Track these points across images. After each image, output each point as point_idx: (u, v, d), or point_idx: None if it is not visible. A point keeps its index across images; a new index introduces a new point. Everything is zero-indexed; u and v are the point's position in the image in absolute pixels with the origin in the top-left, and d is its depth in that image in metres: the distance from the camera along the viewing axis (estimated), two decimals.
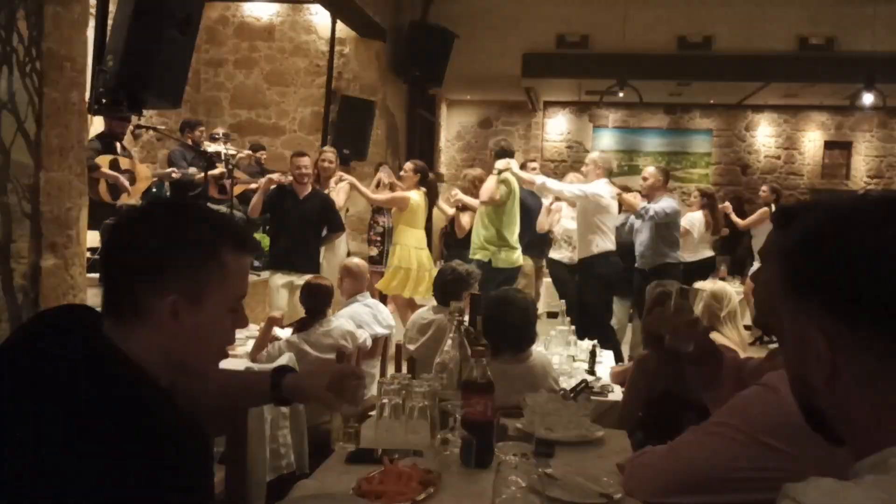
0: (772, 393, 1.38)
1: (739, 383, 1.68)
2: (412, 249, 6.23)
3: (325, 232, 5.86)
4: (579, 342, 3.99)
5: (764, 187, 8.64)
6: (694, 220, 7.04)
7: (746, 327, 4.16)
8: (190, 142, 6.98)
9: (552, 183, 5.95)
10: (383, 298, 6.02)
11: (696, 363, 1.83)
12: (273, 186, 5.80)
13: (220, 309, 1.20)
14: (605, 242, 5.68)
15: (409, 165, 6.45)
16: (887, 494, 0.73)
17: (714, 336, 3.50)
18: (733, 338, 3.69)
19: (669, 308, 1.86)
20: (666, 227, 5.98)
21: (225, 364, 1.38)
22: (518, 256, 5.75)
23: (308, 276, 4.45)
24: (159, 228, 1.19)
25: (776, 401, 1.34)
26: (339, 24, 8.78)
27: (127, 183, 5.83)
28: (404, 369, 3.79)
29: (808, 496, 0.74)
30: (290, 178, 5.78)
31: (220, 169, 6.68)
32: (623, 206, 6.09)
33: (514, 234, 5.74)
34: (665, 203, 5.98)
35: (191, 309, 1.16)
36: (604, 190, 5.71)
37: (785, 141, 12.72)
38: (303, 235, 5.66)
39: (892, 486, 0.74)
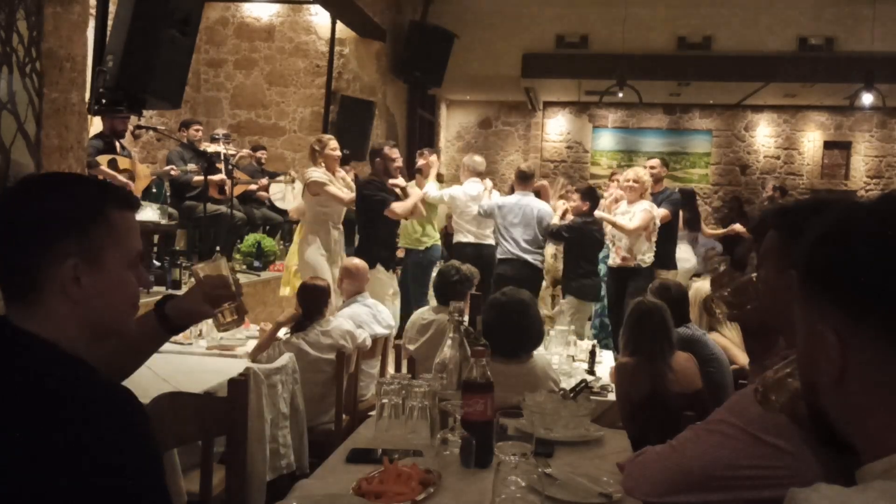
0: None
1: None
2: None
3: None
4: (579, 342, 3.99)
5: (769, 186, 8.68)
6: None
7: None
8: (186, 139, 6.98)
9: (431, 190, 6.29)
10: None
11: (751, 336, 1.84)
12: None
13: (121, 266, 1.22)
14: (462, 236, 6.38)
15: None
16: (887, 501, 0.72)
17: (714, 336, 3.52)
18: (733, 338, 3.70)
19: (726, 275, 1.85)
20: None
21: (225, 364, 1.39)
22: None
23: None
24: (42, 199, 1.19)
25: None
26: (339, 25, 8.78)
27: (125, 181, 5.83)
28: (404, 369, 3.80)
29: (812, 502, 0.73)
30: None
31: (220, 176, 6.67)
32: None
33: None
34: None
35: (92, 272, 1.18)
36: (462, 190, 6.33)
37: (784, 141, 12.73)
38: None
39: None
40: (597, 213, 6.01)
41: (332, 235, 5.56)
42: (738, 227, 8.19)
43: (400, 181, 5.76)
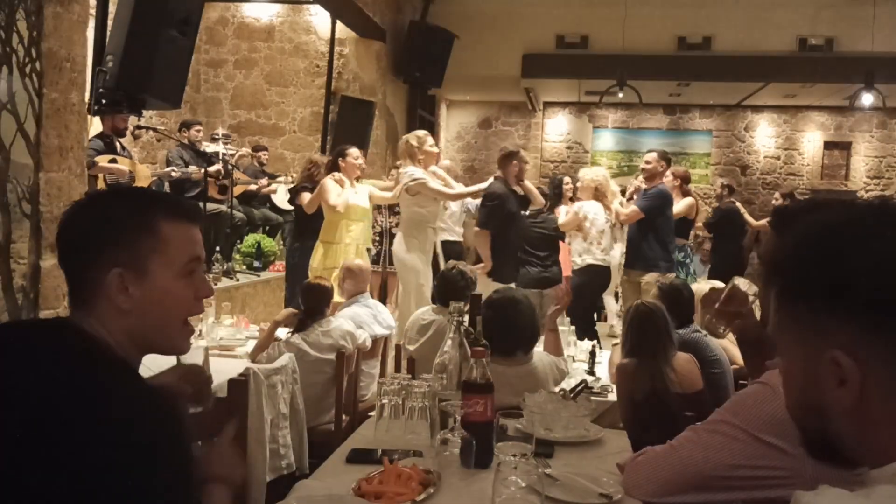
0: (771, 391, 1.38)
1: None
2: None
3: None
4: (579, 342, 3.99)
5: (777, 194, 8.73)
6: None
7: None
8: (187, 140, 6.98)
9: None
10: (383, 299, 6.02)
11: (748, 347, 1.85)
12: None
13: (167, 275, 1.24)
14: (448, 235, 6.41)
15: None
16: None
17: (718, 340, 3.52)
18: (734, 338, 3.70)
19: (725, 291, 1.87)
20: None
21: (224, 364, 1.39)
22: None
23: None
24: (94, 211, 1.27)
25: (775, 399, 1.34)
26: (339, 25, 8.78)
27: (126, 170, 5.83)
28: (404, 370, 3.79)
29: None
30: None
31: (216, 166, 6.66)
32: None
33: None
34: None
35: (137, 280, 1.22)
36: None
37: (784, 141, 12.73)
38: None
39: None
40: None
41: (429, 237, 5.39)
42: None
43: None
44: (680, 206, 6.25)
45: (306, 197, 5.87)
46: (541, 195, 5.90)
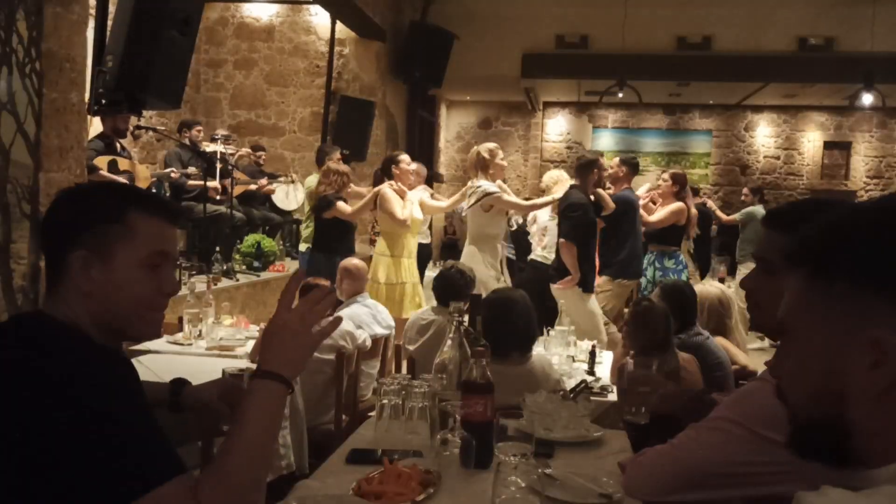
0: (770, 387, 1.38)
1: None
2: None
3: None
4: (578, 342, 3.99)
5: (745, 189, 8.68)
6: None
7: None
8: (187, 141, 6.98)
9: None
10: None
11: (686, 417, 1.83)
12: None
13: (130, 264, 1.28)
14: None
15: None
16: None
17: (719, 340, 3.52)
18: (735, 339, 3.71)
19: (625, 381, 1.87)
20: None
21: (224, 365, 1.39)
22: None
23: None
24: (72, 199, 1.34)
25: (775, 395, 1.34)
26: (339, 25, 8.78)
27: (123, 181, 5.83)
28: (404, 370, 3.79)
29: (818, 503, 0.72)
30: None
31: (214, 183, 6.65)
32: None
33: None
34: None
35: (101, 265, 1.27)
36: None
37: (784, 141, 12.73)
38: None
39: None
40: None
41: (499, 252, 5.24)
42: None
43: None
44: (662, 212, 6.07)
45: (345, 207, 5.61)
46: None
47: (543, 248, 6.14)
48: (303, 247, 6.46)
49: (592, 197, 5.37)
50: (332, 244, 5.69)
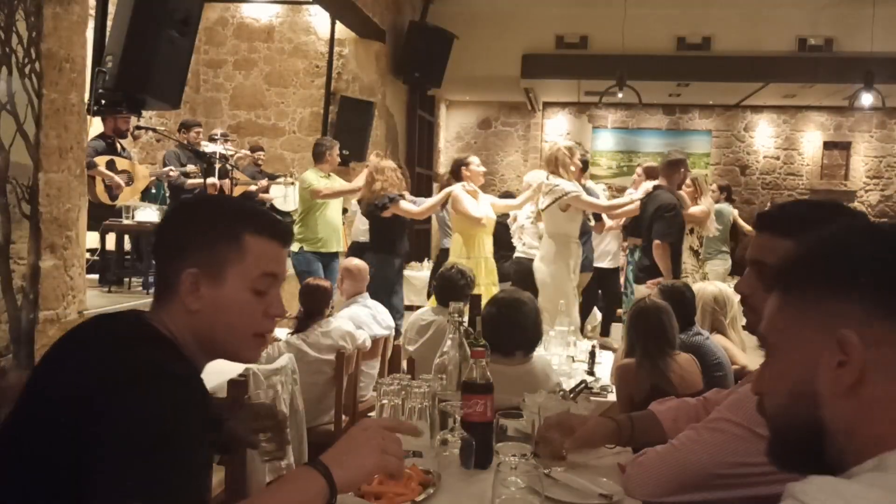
0: None
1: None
2: None
3: None
4: (578, 343, 3.98)
5: (714, 185, 8.67)
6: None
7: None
8: (186, 142, 6.98)
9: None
10: None
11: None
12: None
13: (240, 286, 1.28)
14: None
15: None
16: (886, 491, 0.73)
17: (717, 338, 3.52)
18: (735, 339, 3.71)
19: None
20: None
21: (224, 365, 1.39)
22: None
23: None
24: (188, 213, 1.35)
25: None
26: (339, 25, 8.78)
27: (122, 182, 5.83)
28: (404, 370, 3.79)
29: (808, 494, 0.74)
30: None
31: (212, 180, 6.65)
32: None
33: None
34: None
35: (210, 284, 1.27)
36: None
37: (784, 141, 12.73)
38: None
39: (892, 482, 0.75)
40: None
41: (573, 252, 5.22)
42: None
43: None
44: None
45: (409, 205, 5.54)
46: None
47: (524, 246, 6.13)
48: (295, 246, 6.25)
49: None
50: (391, 245, 5.58)
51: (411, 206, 5.57)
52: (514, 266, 6.18)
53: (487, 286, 5.24)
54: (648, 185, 5.54)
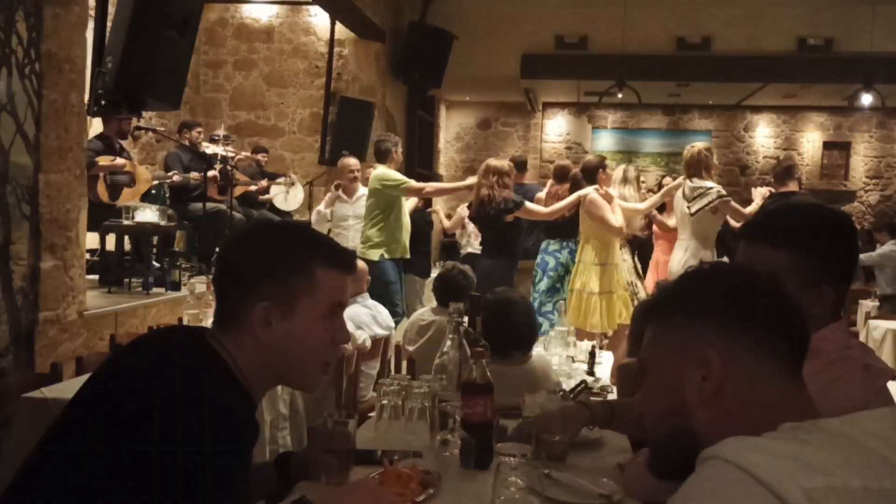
0: None
1: None
2: None
3: None
4: (578, 343, 3.98)
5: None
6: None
7: None
8: (187, 142, 6.98)
9: None
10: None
11: None
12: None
13: (310, 317, 1.29)
14: None
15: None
16: (785, 441, 0.84)
17: None
18: None
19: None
20: None
21: None
22: None
23: None
24: (260, 243, 1.33)
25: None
26: (338, 26, 8.78)
27: (127, 165, 5.83)
28: (404, 370, 3.79)
29: (721, 450, 0.84)
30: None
31: (213, 172, 6.66)
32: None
33: None
34: None
35: (282, 317, 1.27)
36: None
37: (784, 142, 12.73)
38: None
39: (788, 436, 0.86)
40: None
41: (710, 255, 5.20)
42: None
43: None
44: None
45: (537, 207, 5.39)
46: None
47: (480, 243, 6.11)
48: (374, 253, 5.55)
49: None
50: (513, 249, 5.43)
51: (540, 207, 5.44)
52: (467, 259, 6.32)
53: (623, 297, 5.16)
54: (764, 191, 5.53)
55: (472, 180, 5.59)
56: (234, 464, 1.18)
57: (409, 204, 6.10)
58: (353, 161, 6.29)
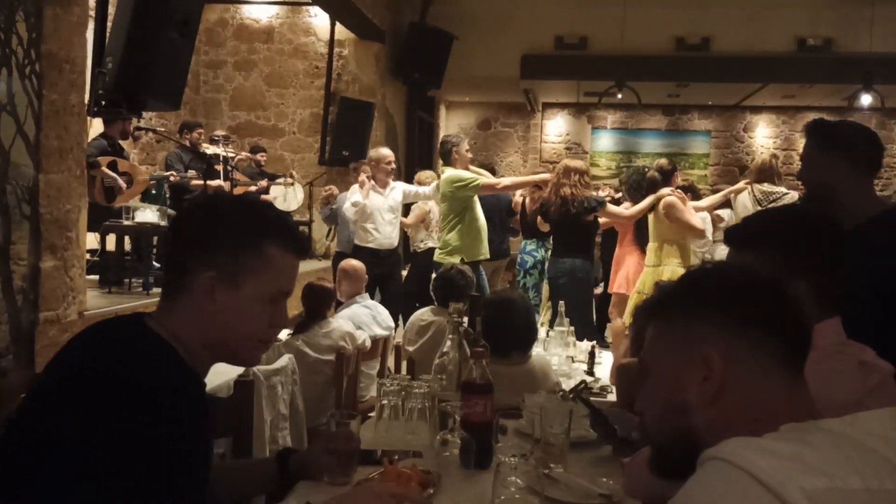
0: None
1: None
2: None
3: None
4: (578, 343, 3.99)
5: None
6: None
7: None
8: (188, 143, 6.98)
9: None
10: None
11: None
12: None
13: (254, 296, 1.28)
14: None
15: None
16: (787, 442, 0.84)
17: None
18: None
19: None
20: None
21: (224, 366, 1.40)
22: None
23: None
24: (213, 212, 1.32)
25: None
26: (338, 26, 8.79)
27: (124, 185, 5.82)
28: (403, 370, 3.80)
29: (723, 451, 0.84)
30: None
31: (217, 182, 6.66)
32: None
33: None
34: None
35: (227, 289, 1.26)
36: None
37: (783, 142, 12.73)
38: None
39: (789, 437, 0.86)
40: None
41: None
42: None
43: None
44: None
45: (618, 208, 5.36)
46: None
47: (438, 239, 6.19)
48: (454, 259, 5.21)
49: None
50: (592, 248, 5.44)
51: (619, 209, 5.41)
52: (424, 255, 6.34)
53: None
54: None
55: (546, 175, 5.61)
56: (182, 441, 1.17)
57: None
58: (389, 152, 6.18)
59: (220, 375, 3.12)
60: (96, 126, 6.05)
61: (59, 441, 1.09)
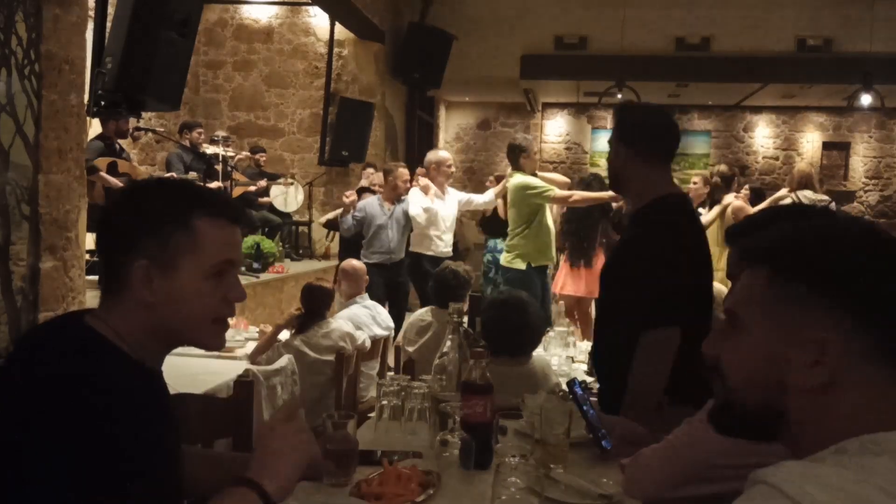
0: None
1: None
2: None
3: None
4: (578, 343, 3.99)
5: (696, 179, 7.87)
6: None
7: None
8: (188, 143, 6.98)
9: None
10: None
11: None
12: None
13: (196, 274, 1.22)
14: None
15: None
16: (851, 471, 0.76)
17: None
18: None
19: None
20: None
21: (224, 366, 1.39)
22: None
23: None
24: (133, 200, 1.26)
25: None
26: (338, 26, 8.79)
27: (124, 174, 5.83)
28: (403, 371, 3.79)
29: (776, 476, 0.77)
30: None
31: (216, 183, 6.65)
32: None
33: None
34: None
35: (162, 275, 1.20)
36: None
37: (783, 142, 12.73)
38: None
39: (853, 463, 0.77)
40: None
41: None
42: None
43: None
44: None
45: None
46: None
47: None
48: (520, 263, 5.34)
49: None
50: None
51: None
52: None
53: None
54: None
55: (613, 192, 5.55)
56: (132, 433, 1.12)
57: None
58: (448, 155, 6.04)
59: (220, 375, 3.12)
60: (96, 126, 6.04)
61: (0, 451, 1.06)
